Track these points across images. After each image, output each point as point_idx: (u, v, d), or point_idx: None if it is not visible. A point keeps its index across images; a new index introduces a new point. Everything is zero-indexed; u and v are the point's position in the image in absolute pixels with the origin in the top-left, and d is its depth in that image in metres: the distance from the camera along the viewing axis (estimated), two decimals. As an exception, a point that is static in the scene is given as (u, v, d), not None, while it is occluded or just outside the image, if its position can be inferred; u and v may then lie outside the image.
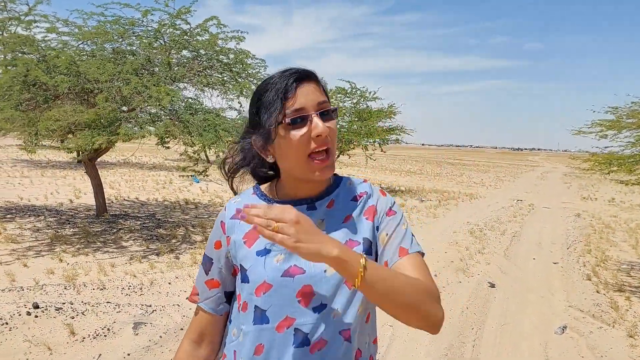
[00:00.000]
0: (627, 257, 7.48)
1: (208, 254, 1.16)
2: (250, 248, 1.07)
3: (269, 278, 1.03)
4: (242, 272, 1.08)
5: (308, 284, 1.02)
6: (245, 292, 1.07)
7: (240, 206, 1.11)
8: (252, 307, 1.05)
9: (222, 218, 1.15)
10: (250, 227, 1.07)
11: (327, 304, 1.03)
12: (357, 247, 1.07)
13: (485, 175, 29.38)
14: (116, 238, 7.01)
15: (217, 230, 1.15)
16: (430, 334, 4.18)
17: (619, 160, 5.42)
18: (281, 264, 1.04)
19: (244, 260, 1.08)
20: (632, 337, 4.29)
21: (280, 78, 1.05)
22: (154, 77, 7.05)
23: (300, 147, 1.02)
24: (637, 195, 18.26)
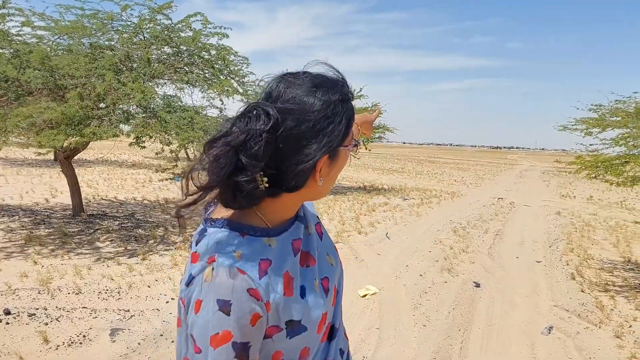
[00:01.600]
0: (609, 256, 7.54)
1: (241, 340, 0.82)
2: (293, 296, 0.90)
3: (324, 307, 0.95)
4: (293, 328, 0.89)
5: (334, 284, 1.04)
6: (301, 341, 0.91)
7: (255, 258, 0.86)
8: (316, 345, 0.96)
9: (248, 285, 0.82)
10: (282, 274, 0.89)
11: (339, 290, 1.08)
12: (321, 229, 1.10)
13: (466, 173, 29.60)
14: (93, 239, 6.80)
15: (246, 303, 0.82)
16: (418, 336, 4.07)
17: (604, 162, 5.42)
18: (319, 288, 0.97)
19: (293, 314, 0.89)
20: (619, 338, 4.28)
21: (347, 87, 0.93)
22: (132, 73, 6.84)
23: (342, 168, 0.97)
24: (614, 193, 18.57)
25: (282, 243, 0.91)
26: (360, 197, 13.73)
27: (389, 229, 9.04)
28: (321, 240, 1.06)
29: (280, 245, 0.91)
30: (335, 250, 1.10)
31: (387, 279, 5.83)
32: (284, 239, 0.93)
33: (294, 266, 0.92)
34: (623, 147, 5.41)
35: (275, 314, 0.86)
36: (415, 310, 4.79)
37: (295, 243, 0.94)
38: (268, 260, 0.88)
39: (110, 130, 6.44)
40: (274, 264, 0.88)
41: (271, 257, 0.88)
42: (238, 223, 0.89)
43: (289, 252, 0.92)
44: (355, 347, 3.87)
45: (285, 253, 0.91)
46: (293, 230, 0.96)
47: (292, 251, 0.93)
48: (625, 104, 5.93)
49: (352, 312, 4.66)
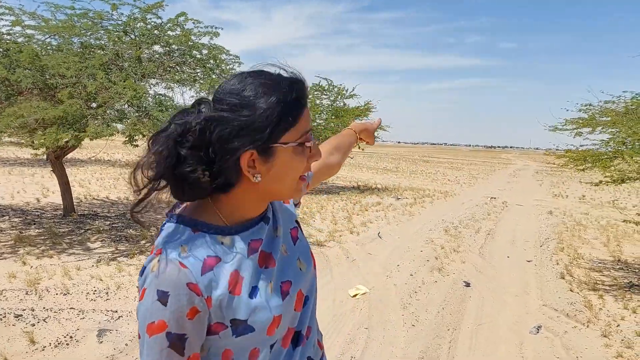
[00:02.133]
0: (599, 255, 7.58)
1: (176, 332, 0.84)
2: (241, 295, 0.89)
3: (276, 311, 0.93)
4: (237, 327, 0.89)
5: (299, 289, 1.01)
6: (248, 342, 0.91)
7: (202, 255, 0.87)
8: (268, 348, 0.95)
9: (187, 279, 0.84)
10: (229, 273, 0.88)
11: (309, 296, 1.06)
12: (298, 233, 1.10)
13: (460, 172, 29.68)
14: (83, 239, 6.77)
15: (185, 296, 0.84)
16: (407, 336, 4.09)
17: (593, 157, 5.44)
18: (275, 291, 0.95)
19: (237, 313, 0.89)
20: (607, 337, 4.30)
21: (293, 87, 0.90)
22: (123, 72, 6.82)
23: (301, 169, 0.93)
24: (607, 193, 18.66)
25: (237, 242, 0.92)
26: (353, 196, 13.74)
27: (381, 228, 9.05)
28: (294, 245, 1.06)
29: (235, 244, 0.92)
30: (310, 257, 1.09)
31: (378, 278, 5.84)
32: (241, 238, 0.93)
33: (246, 266, 0.91)
34: (612, 146, 5.43)
35: (219, 310, 0.87)
36: (404, 310, 4.80)
37: (253, 243, 0.94)
38: (216, 257, 0.88)
39: (107, 130, 6.42)
40: (223, 262, 0.89)
41: (220, 255, 0.89)
42: (192, 219, 0.90)
43: (244, 251, 0.92)
44: (343, 347, 3.88)
45: (238, 252, 0.91)
46: (255, 230, 0.96)
47: (247, 251, 0.92)
48: (615, 103, 5.96)
49: (342, 312, 4.66)
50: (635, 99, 5.60)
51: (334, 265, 6.31)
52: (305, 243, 1.11)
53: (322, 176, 1.42)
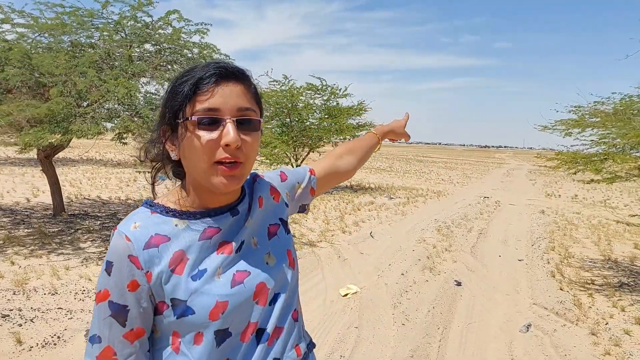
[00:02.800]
0: (589, 254, 7.61)
1: (118, 301, 0.89)
2: (182, 275, 0.91)
3: (222, 296, 0.92)
4: (176, 307, 0.91)
5: (261, 281, 0.99)
6: (190, 325, 0.92)
7: (149, 232, 0.92)
8: (211, 334, 0.93)
9: (129, 251, 0.89)
10: (173, 252, 0.92)
11: (279, 293, 1.03)
12: (279, 229, 1.11)
13: (453, 172, 29.75)
14: (73, 239, 6.72)
15: (126, 268, 0.89)
16: (397, 335, 4.08)
17: (584, 159, 5.46)
18: (224, 277, 0.94)
19: (176, 292, 0.90)
20: (595, 335, 4.32)
21: (201, 69, 0.92)
22: (113, 71, 6.77)
23: (206, 152, 0.90)
24: (599, 192, 18.77)
25: (192, 226, 0.95)
26: (346, 196, 13.73)
27: (374, 228, 9.05)
28: (268, 239, 1.07)
29: (189, 227, 0.95)
30: (285, 255, 1.07)
31: (369, 278, 5.84)
32: (199, 223, 0.96)
33: (195, 249, 0.94)
34: (602, 146, 5.45)
35: (160, 288, 0.91)
36: (395, 309, 4.80)
37: (208, 230, 0.96)
38: (165, 236, 0.93)
39: (94, 128, 6.36)
40: (171, 242, 0.93)
41: (170, 236, 0.93)
42: (155, 203, 0.98)
43: (195, 235, 0.95)
44: (333, 347, 3.87)
45: (190, 235, 0.95)
46: (220, 218, 0.98)
47: (199, 235, 0.95)
48: (604, 104, 5.98)
49: (332, 311, 4.65)
50: (624, 101, 5.62)
51: (326, 264, 6.30)
52: (285, 242, 1.10)
53: (331, 180, 1.37)
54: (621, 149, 5.16)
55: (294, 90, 14.70)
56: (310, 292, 5.20)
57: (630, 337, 4.34)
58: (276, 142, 13.89)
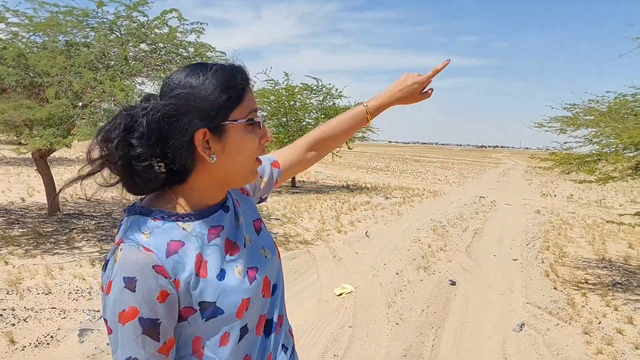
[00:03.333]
0: (584, 254, 7.64)
1: (149, 316, 0.85)
2: (208, 277, 0.91)
3: (245, 292, 0.95)
4: (205, 310, 0.90)
5: (264, 275, 1.03)
6: (220, 324, 0.92)
7: (165, 239, 0.88)
8: (237, 332, 0.95)
9: (154, 262, 0.85)
10: (193, 254, 0.90)
11: (277, 283, 1.08)
12: (261, 225, 1.13)
13: (450, 172, 29.80)
14: (68, 239, 6.71)
15: (152, 279, 0.84)
16: (390, 334, 4.08)
17: (578, 159, 5.49)
18: (242, 274, 0.97)
19: (205, 295, 0.90)
20: (588, 334, 4.34)
21: (234, 71, 0.95)
22: (109, 71, 6.77)
23: (254, 148, 0.96)
24: (594, 192, 18.83)
25: (198, 228, 0.94)
26: (342, 195, 13.75)
27: (369, 227, 9.07)
28: (257, 235, 1.10)
29: (196, 229, 0.94)
30: (274, 247, 1.13)
31: (364, 277, 5.85)
32: (202, 224, 0.95)
33: (210, 251, 0.94)
34: (596, 145, 5.48)
35: (187, 293, 0.88)
36: (389, 309, 4.81)
37: (213, 229, 0.96)
38: (179, 241, 0.90)
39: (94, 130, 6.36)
40: (187, 246, 0.91)
41: (184, 240, 0.91)
42: (151, 209, 0.92)
43: (204, 237, 0.94)
44: (326, 346, 3.88)
45: (200, 237, 0.94)
46: (216, 217, 0.99)
47: (207, 237, 0.95)
48: (599, 103, 6.01)
49: (327, 311, 4.66)
50: (618, 100, 5.65)
51: (321, 264, 6.31)
52: (268, 234, 1.15)
53: (296, 169, 1.36)
54: (614, 149, 5.18)
55: (292, 90, 14.72)
56: (305, 292, 5.21)
57: (622, 336, 4.36)
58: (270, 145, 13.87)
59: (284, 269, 5.52)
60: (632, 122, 4.73)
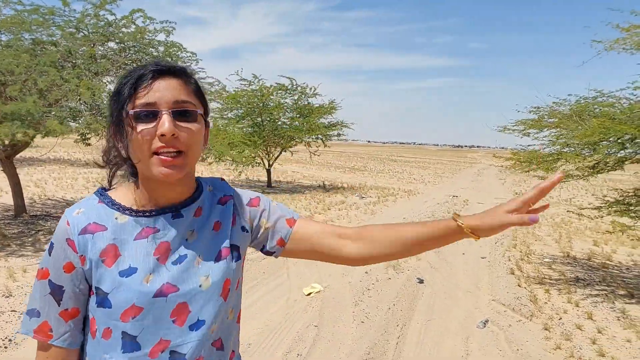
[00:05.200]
0: (550, 251, 7.82)
1: (56, 281, 0.95)
2: (111, 267, 0.95)
3: (139, 301, 0.94)
4: (98, 296, 0.95)
5: (183, 301, 0.98)
6: (105, 317, 0.95)
7: (89, 219, 0.97)
8: (119, 334, 0.95)
9: (67, 235, 0.95)
10: (107, 243, 0.96)
11: (204, 320, 1.00)
12: (229, 255, 1.06)
13: (426, 171, 30.12)
14: (34, 240, 6.58)
15: (63, 249, 0.95)
16: (355, 333, 4.10)
17: (538, 158, 5.63)
18: (152, 283, 0.95)
19: (101, 282, 0.95)
20: (547, 330, 4.45)
21: (140, 68, 0.98)
22: (75, 69, 6.66)
23: (144, 143, 0.94)
24: (565, 191, 19.26)
25: (131, 222, 0.99)
26: (318, 195, 13.78)
27: (342, 227, 9.10)
28: (214, 262, 1.03)
29: (128, 223, 0.99)
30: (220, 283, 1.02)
31: (334, 276, 5.88)
32: (137, 221, 1.00)
33: (130, 247, 0.98)
34: (557, 147, 5.62)
35: (91, 272, 0.96)
36: (355, 307, 4.85)
37: (146, 230, 0.99)
38: (102, 226, 0.98)
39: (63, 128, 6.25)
40: (106, 233, 0.97)
41: (109, 227, 0.98)
42: (103, 193, 1.03)
43: (131, 233, 0.99)
44: (291, 346, 3.89)
45: (127, 231, 0.98)
46: (156, 219, 1.01)
47: (135, 234, 0.99)
48: (562, 105, 6.16)
49: (294, 311, 4.68)
50: (579, 103, 5.81)
51: (291, 264, 6.32)
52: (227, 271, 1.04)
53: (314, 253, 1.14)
54: (574, 149, 5.33)
55: (264, 90, 14.68)
56: (274, 292, 5.22)
57: (581, 331, 4.48)
58: (243, 146, 13.63)
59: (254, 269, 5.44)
60: (590, 124, 4.87)
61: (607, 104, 5.62)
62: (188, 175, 1.01)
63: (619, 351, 4.08)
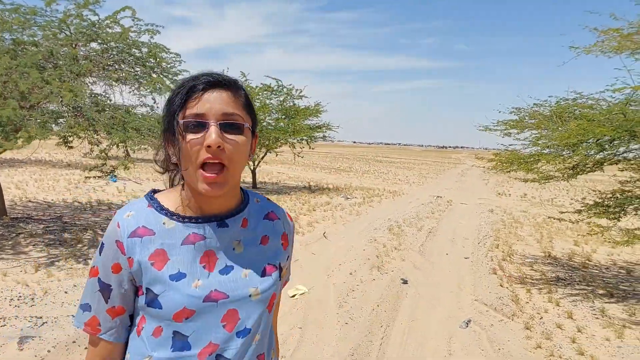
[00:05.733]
0: (531, 251, 7.93)
1: (104, 280, 1.01)
2: (161, 271, 0.99)
3: (190, 304, 0.99)
4: (148, 296, 1.00)
5: (233, 308, 1.03)
6: (157, 317, 1.00)
7: (138, 223, 1.01)
8: (170, 333, 1.00)
9: (117, 237, 1.00)
10: (155, 247, 1.01)
11: (251, 329, 1.05)
12: (275, 272, 1.11)
13: (410, 172, 30.30)
14: (14, 244, 6.48)
15: (112, 251, 1.00)
16: (339, 334, 4.12)
17: (519, 159, 5.72)
18: (201, 289, 1.00)
19: (153, 285, 0.99)
20: (529, 329, 4.52)
21: (192, 79, 1.02)
22: (57, 71, 6.57)
23: (193, 153, 0.97)
24: (547, 191, 19.53)
25: (178, 228, 1.03)
26: (303, 196, 13.78)
27: (328, 228, 9.13)
28: (260, 277, 1.08)
29: (175, 229, 1.03)
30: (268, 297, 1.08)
31: (319, 278, 5.90)
32: (184, 228, 1.03)
33: (178, 252, 1.01)
34: (537, 147, 5.71)
35: (140, 274, 1.00)
36: (340, 309, 4.87)
37: (192, 236, 1.03)
38: (151, 231, 1.01)
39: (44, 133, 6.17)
40: (156, 237, 1.01)
41: (157, 232, 1.02)
42: (153, 197, 1.07)
43: (180, 239, 1.02)
44: (275, 347, 3.89)
45: (174, 236, 1.02)
46: (202, 226, 1.04)
47: (182, 240, 1.02)
48: (542, 107, 6.26)
49: (279, 313, 4.68)
50: (559, 104, 5.90)
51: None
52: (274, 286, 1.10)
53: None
54: (555, 150, 5.42)
55: (250, 90, 14.65)
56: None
57: (561, 330, 4.56)
58: None
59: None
60: (569, 126, 4.96)
61: (587, 105, 5.73)
62: (233, 187, 1.05)
63: (597, 350, 4.16)
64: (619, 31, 4.60)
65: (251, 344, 1.05)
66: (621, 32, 4.59)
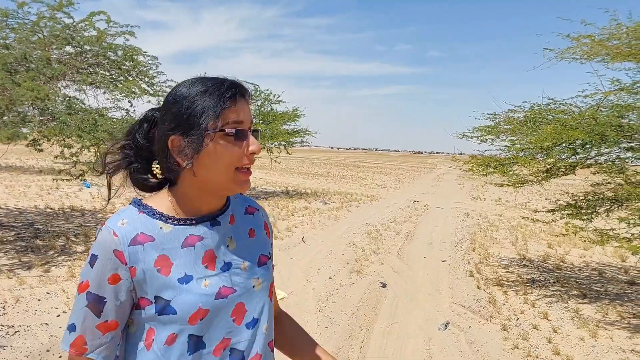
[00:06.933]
0: (507, 254, 8.06)
1: (97, 293, 0.95)
2: (169, 276, 0.97)
3: (205, 304, 0.98)
4: (159, 304, 0.97)
5: (241, 301, 1.04)
6: (170, 324, 0.97)
7: (136, 230, 0.98)
8: (185, 338, 0.98)
9: (115, 246, 0.95)
10: (158, 253, 0.98)
11: (258, 319, 1.07)
12: (268, 261, 1.14)
13: (388, 177, 30.52)
14: (-16, 251, 6.29)
15: (109, 261, 0.95)
16: (319, 338, 4.12)
17: (495, 162, 5.82)
18: (210, 287, 1.00)
19: (162, 291, 0.97)
20: (506, 330, 4.58)
21: (223, 84, 1.00)
22: (29, 73, 6.43)
23: (233, 159, 0.99)
24: (521, 195, 19.90)
25: (175, 231, 1.01)
26: (281, 201, 13.74)
27: (306, 233, 9.12)
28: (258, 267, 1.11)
29: (173, 232, 1.01)
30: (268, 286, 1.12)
31: (298, 283, 5.88)
32: (181, 230, 1.02)
33: (180, 255, 1.00)
34: (513, 152, 5.82)
35: (143, 283, 0.96)
36: (319, 313, 4.86)
37: (190, 238, 1.02)
38: (150, 237, 0.99)
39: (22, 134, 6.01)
40: (156, 243, 0.99)
41: (156, 237, 0.99)
42: (143, 203, 1.04)
43: (179, 242, 1.01)
44: (255, 353, 3.86)
45: (174, 240, 1.00)
46: (198, 227, 1.04)
47: (181, 242, 1.01)
48: (516, 112, 6.38)
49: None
50: (533, 109, 6.04)
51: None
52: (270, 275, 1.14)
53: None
54: (529, 153, 5.53)
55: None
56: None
57: (538, 331, 4.64)
58: None
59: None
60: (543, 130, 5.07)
61: (559, 110, 5.87)
62: None
63: (572, 349, 4.25)
64: (591, 37, 4.73)
65: (262, 334, 1.07)
66: (593, 38, 4.72)
